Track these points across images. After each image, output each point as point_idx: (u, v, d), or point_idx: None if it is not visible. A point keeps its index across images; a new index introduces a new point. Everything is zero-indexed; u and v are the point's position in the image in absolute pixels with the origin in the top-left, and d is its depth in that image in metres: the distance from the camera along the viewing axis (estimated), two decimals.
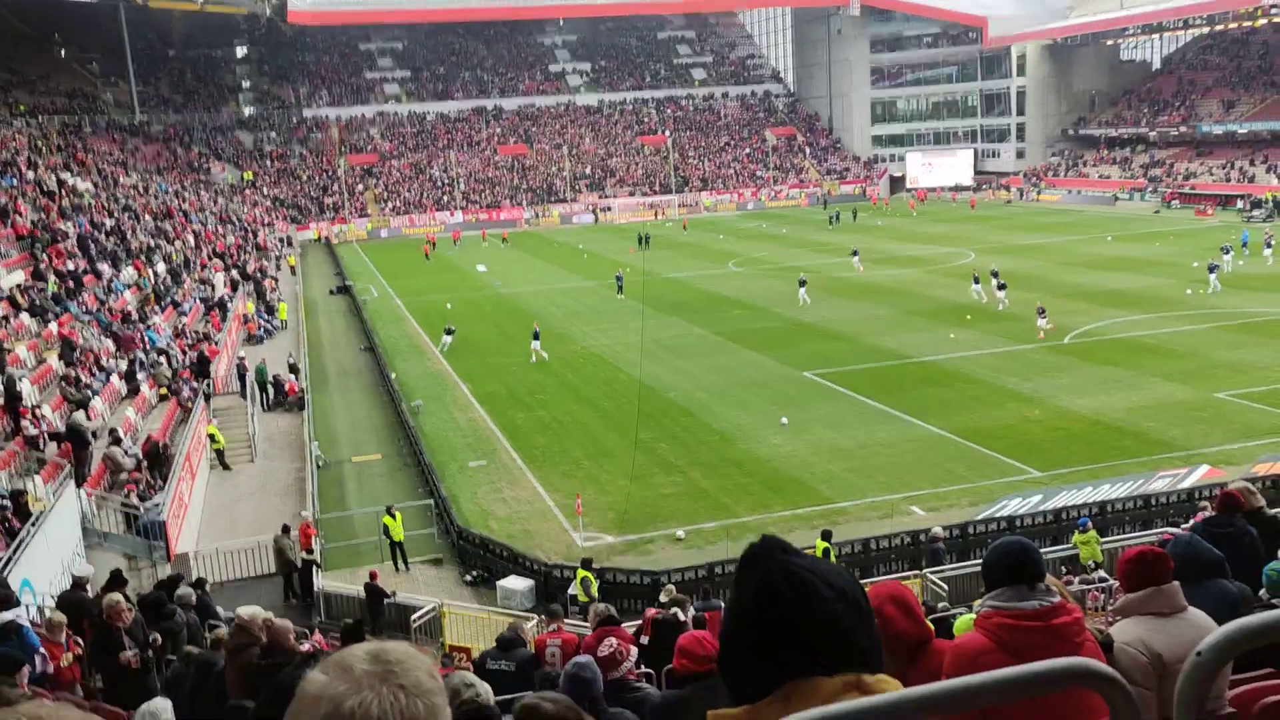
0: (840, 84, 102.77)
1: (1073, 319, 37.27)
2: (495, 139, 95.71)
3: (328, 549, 21.19)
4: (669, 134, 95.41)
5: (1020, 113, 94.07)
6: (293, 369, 32.87)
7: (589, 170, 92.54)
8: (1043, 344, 34.04)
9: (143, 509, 19.74)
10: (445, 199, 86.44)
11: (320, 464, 26.21)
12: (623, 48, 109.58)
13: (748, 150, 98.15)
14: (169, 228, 48.61)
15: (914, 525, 20.30)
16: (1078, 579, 14.00)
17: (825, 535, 18.71)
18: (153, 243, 43.24)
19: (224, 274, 45.24)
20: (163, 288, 37.65)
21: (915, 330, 37.00)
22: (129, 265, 37.68)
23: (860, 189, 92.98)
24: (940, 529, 19.12)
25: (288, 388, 31.39)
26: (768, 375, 32.49)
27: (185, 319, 35.41)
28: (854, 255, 51.25)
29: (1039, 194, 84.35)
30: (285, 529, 19.77)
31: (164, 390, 27.28)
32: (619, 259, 57.38)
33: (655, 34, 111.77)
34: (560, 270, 57.99)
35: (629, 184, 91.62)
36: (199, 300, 38.78)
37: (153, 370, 28.08)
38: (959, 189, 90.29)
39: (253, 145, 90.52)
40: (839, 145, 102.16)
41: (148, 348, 29.69)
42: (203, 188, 73.51)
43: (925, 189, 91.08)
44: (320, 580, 19.39)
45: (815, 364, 33.15)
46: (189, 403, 26.45)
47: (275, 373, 32.06)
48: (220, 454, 25.98)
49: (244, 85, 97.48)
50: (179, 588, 12.44)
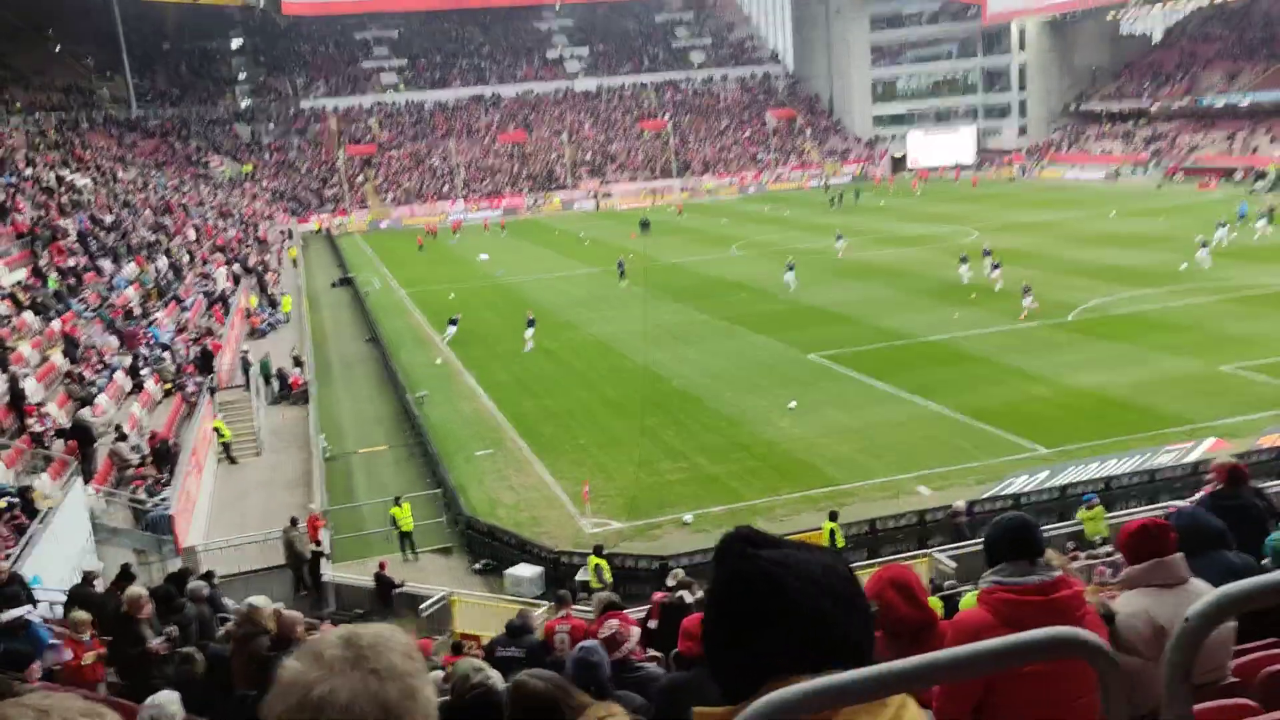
0: (840, 63, 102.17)
1: (1077, 295, 37.14)
2: (494, 127, 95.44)
3: (336, 540, 21.27)
4: (669, 118, 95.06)
5: (1022, 89, 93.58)
6: (297, 362, 32.89)
7: (589, 156, 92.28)
8: (1047, 321, 33.92)
9: (150, 504, 19.83)
10: (445, 188, 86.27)
11: (327, 456, 26.27)
12: (620, 31, 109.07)
13: (748, 133, 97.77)
14: (169, 223, 48.59)
15: (921, 505, 20.31)
16: (1084, 554, 14.00)
17: (832, 516, 18.73)
18: (153, 238, 43.23)
19: (225, 268, 45.22)
20: (164, 283, 37.65)
21: (920, 310, 36.91)
22: (130, 261, 37.68)
23: (861, 169, 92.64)
24: (962, 504, 19.09)
25: (292, 381, 31.43)
26: (773, 358, 32.45)
27: (188, 314, 35.42)
28: (838, 239, 50.92)
29: (1041, 170, 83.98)
30: (294, 521, 19.84)
31: (168, 386, 27.33)
32: (621, 245, 57.26)
33: (653, 17, 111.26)
34: (562, 257, 57.89)
35: (630, 169, 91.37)
36: (201, 295, 38.78)
37: (156, 366, 28.12)
38: (961, 167, 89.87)
39: (250, 138, 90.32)
40: (840, 126, 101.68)
41: (151, 343, 29.73)
42: (202, 182, 73.45)
43: (927, 168, 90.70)
44: (330, 571, 19.47)
45: (820, 346, 33.10)
46: (194, 398, 26.50)
47: (279, 366, 32.10)
48: (227, 448, 26.05)
49: (240, 77, 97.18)
50: (189, 581, 12.47)
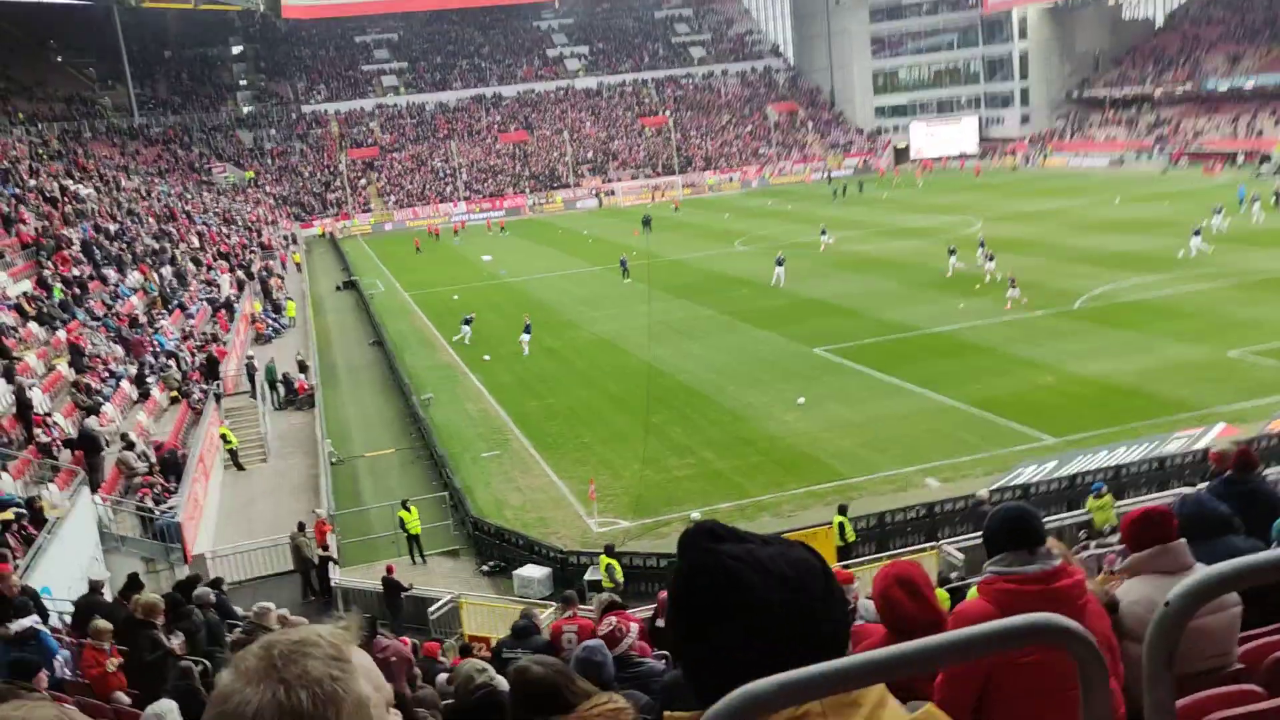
0: (840, 55, 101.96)
1: (1082, 283, 37.01)
2: (495, 127, 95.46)
3: (344, 544, 21.27)
4: (670, 114, 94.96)
5: (1023, 77, 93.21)
6: (302, 367, 32.92)
7: (591, 154, 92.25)
8: (1052, 310, 33.82)
9: (158, 512, 19.85)
10: (448, 190, 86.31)
11: (334, 460, 26.28)
12: (620, 29, 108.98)
13: (749, 127, 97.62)
14: (173, 230, 48.67)
15: (929, 497, 20.24)
16: (1094, 543, 13.92)
17: (842, 509, 18.68)
18: (157, 246, 43.31)
19: (230, 274, 45.29)
20: (169, 290, 37.72)
21: (924, 302, 36.81)
22: (134, 269, 37.75)
23: (864, 161, 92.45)
24: (986, 492, 19.01)
25: (297, 386, 31.46)
26: (777, 353, 32.39)
27: (193, 321, 35.47)
28: (823, 233, 50.66)
29: (1045, 158, 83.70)
30: (301, 526, 19.84)
31: (174, 393, 27.35)
32: (624, 243, 57.24)
33: (652, 13, 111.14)
34: (566, 256, 57.88)
35: (631, 166, 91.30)
36: (206, 302, 38.83)
37: (162, 374, 28.16)
38: (965, 157, 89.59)
39: (253, 143, 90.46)
40: (841, 118, 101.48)
41: (156, 351, 29.78)
42: (205, 188, 73.59)
43: (930, 158, 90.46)
44: (338, 576, 19.47)
45: (824, 340, 33.02)
46: (200, 405, 26.53)
47: (285, 371, 32.12)
48: (234, 454, 26.07)
49: (241, 83, 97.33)
50: (196, 588, 12.49)
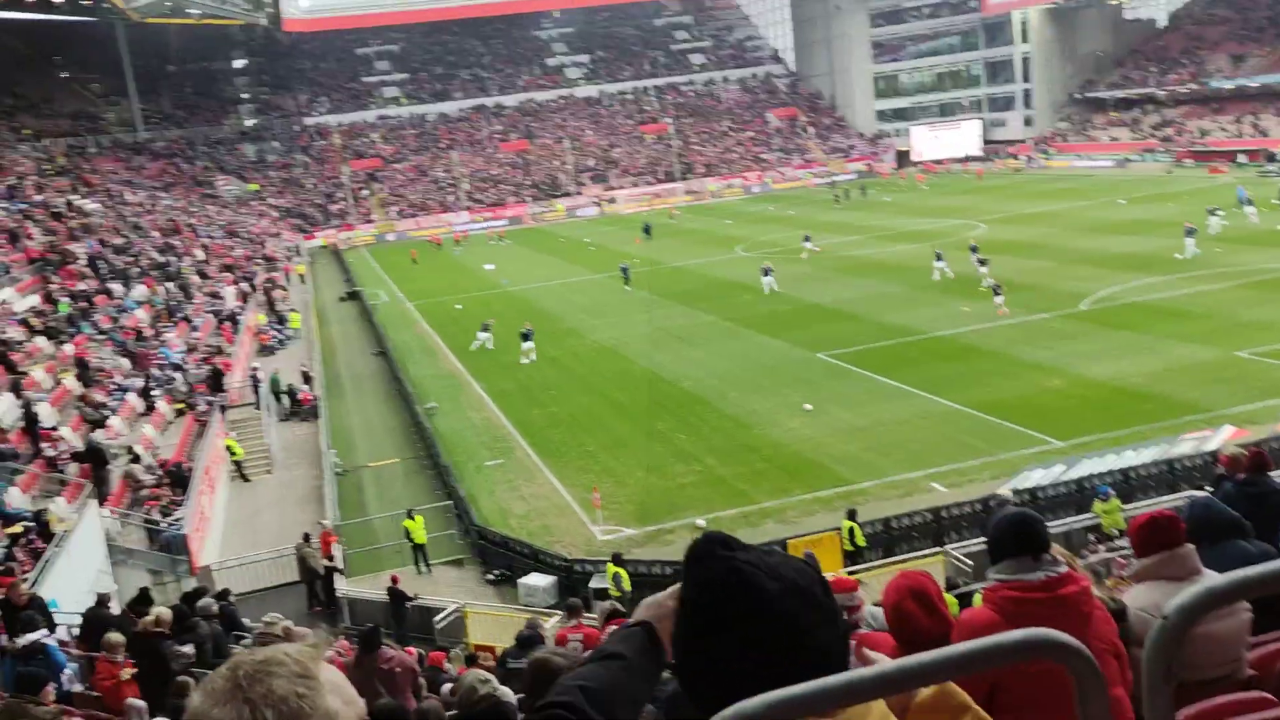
0: (841, 60, 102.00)
1: (1088, 284, 36.91)
2: (497, 136, 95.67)
3: (350, 555, 21.25)
4: (670, 122, 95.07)
5: (1026, 79, 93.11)
6: (306, 378, 32.96)
7: (592, 163, 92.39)
8: (1059, 312, 33.74)
9: (165, 524, 19.87)
10: (450, 199, 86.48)
11: (338, 471, 26.28)
12: (620, 37, 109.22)
13: (750, 133, 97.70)
14: (177, 243, 48.82)
15: (935, 502, 20.16)
16: (1103, 547, 13.85)
17: (850, 514, 18.63)
18: (162, 259, 43.44)
19: (234, 286, 45.40)
20: (174, 304, 37.82)
21: (928, 305, 36.74)
22: (139, 283, 37.86)
23: (869, 165, 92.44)
24: (1010, 492, 18.91)
25: (301, 397, 31.49)
26: (780, 359, 32.35)
27: (198, 333, 35.57)
28: (805, 240, 50.38)
29: (1048, 160, 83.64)
30: (306, 537, 19.85)
31: (180, 405, 27.42)
32: (625, 250, 57.26)
33: (652, 21, 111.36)
34: (568, 264, 57.92)
35: (633, 174, 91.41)
36: (210, 314, 38.94)
37: (168, 386, 28.23)
38: (968, 159, 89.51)
39: (256, 156, 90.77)
40: (842, 123, 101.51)
41: (162, 364, 29.85)
42: (209, 201, 73.83)
43: (932, 161, 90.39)
44: (343, 586, 19.46)
45: (828, 345, 32.97)
46: (205, 417, 26.58)
47: (289, 382, 32.16)
48: (239, 466, 26.11)
49: (244, 97, 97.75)
50: (199, 600, 12.48)
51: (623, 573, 17.40)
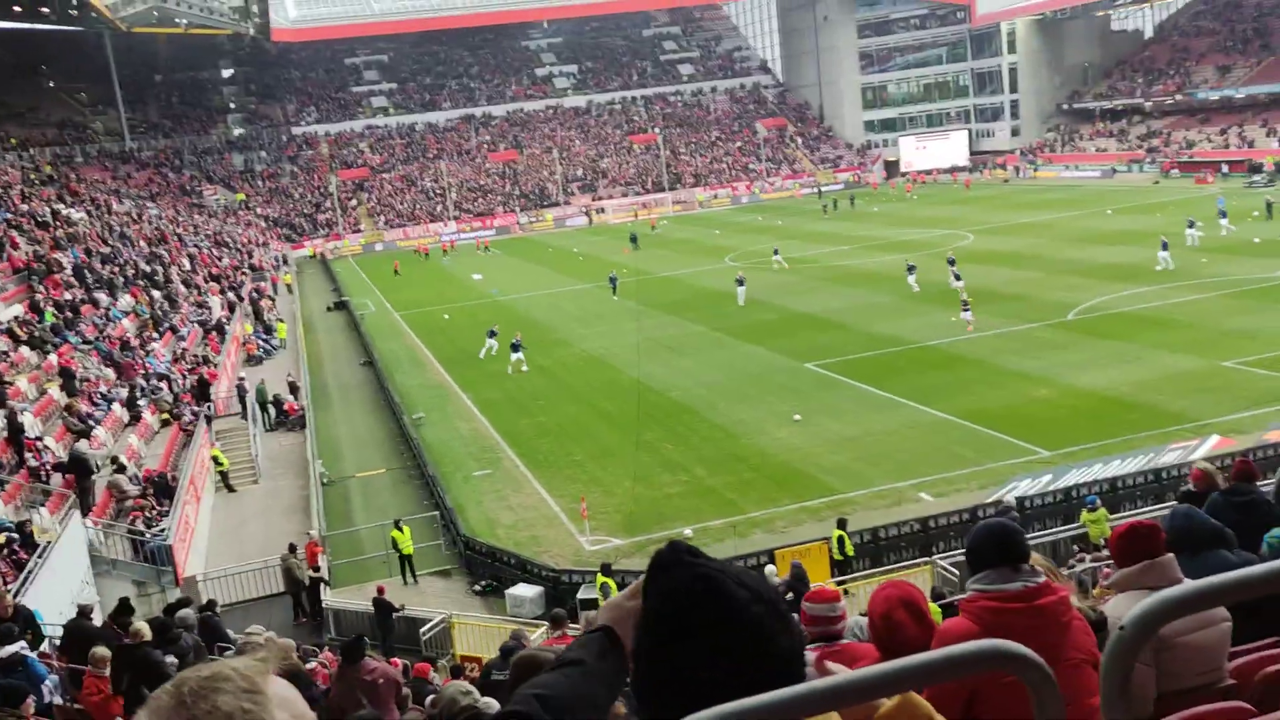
0: (829, 71, 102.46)
1: (1076, 294, 37.09)
2: (485, 146, 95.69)
3: (336, 565, 21.15)
4: (659, 132, 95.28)
5: (1013, 90, 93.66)
6: (293, 388, 32.82)
7: (580, 172, 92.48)
8: (1046, 322, 33.88)
9: (149, 535, 19.72)
10: (438, 209, 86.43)
11: (325, 481, 26.16)
12: (608, 47, 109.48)
13: (739, 143, 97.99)
14: (164, 253, 48.61)
15: (922, 512, 20.18)
16: (1089, 557, 13.87)
17: (840, 523, 18.64)
18: (148, 269, 43.24)
19: (220, 296, 45.22)
20: (160, 313, 37.63)
21: (915, 315, 36.83)
22: (125, 293, 37.66)
23: (857, 176, 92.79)
24: (1012, 499, 18.94)
25: (288, 407, 31.36)
26: (768, 368, 32.37)
27: (184, 343, 35.40)
28: (775, 254, 50.34)
29: (1036, 171, 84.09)
30: (292, 548, 19.74)
31: (166, 415, 27.26)
32: (614, 260, 57.28)
33: (640, 31, 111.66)
34: (556, 274, 57.91)
35: (621, 184, 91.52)
36: (197, 324, 38.76)
37: (154, 396, 28.07)
38: (956, 170, 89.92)
39: (243, 166, 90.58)
40: (831, 133, 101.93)
41: (148, 374, 29.68)
42: (196, 211, 73.60)
43: (919, 172, 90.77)
44: (329, 597, 19.34)
45: (816, 355, 33.02)
46: (191, 427, 26.43)
47: (275, 392, 32.03)
48: (224, 476, 25.96)
49: (232, 106, 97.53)
50: (179, 611, 12.38)
51: (611, 583, 17.34)
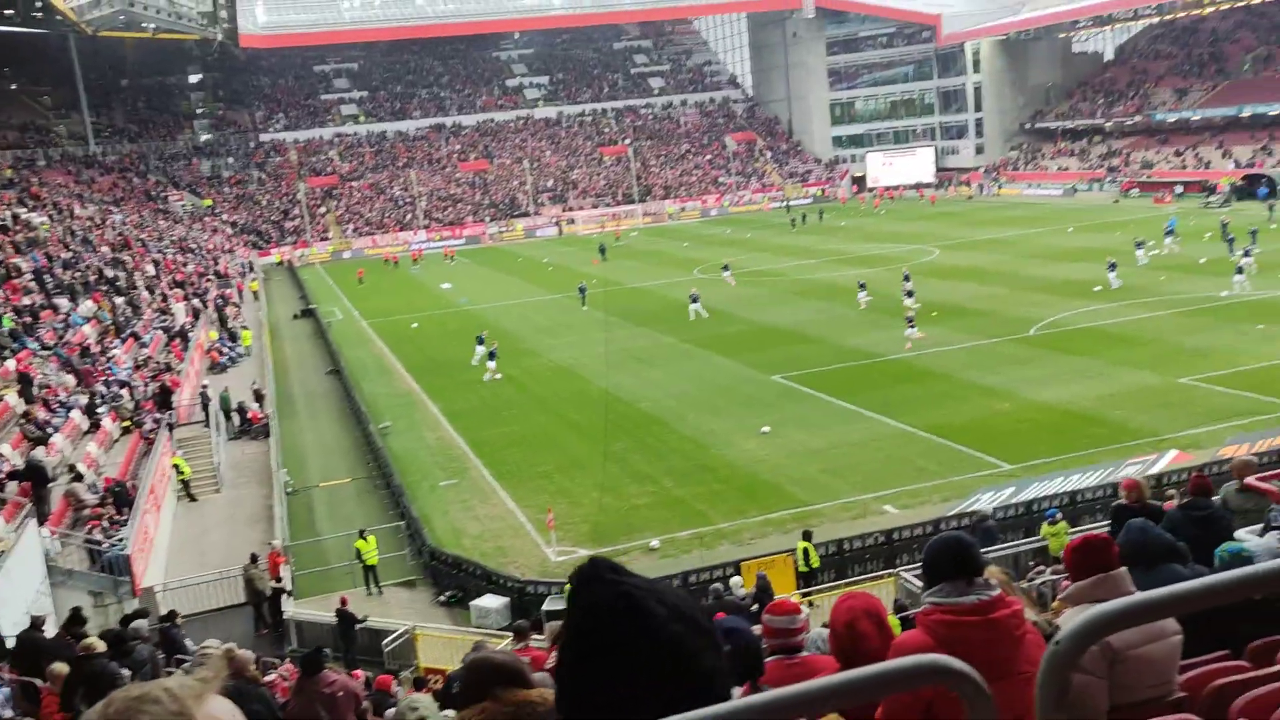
0: (798, 87, 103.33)
1: (1038, 310, 37.60)
2: (455, 156, 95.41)
3: (299, 576, 20.92)
4: (630, 144, 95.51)
5: (978, 109, 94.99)
6: (257, 395, 32.46)
7: (551, 183, 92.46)
8: (1009, 337, 34.29)
9: (106, 544, 19.40)
10: (408, 218, 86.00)
11: (289, 490, 25.89)
12: (579, 59, 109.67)
13: (709, 157, 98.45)
14: (127, 259, 47.97)
15: (887, 524, 20.32)
16: (1049, 569, 14.01)
17: (806, 535, 18.71)
18: (111, 274, 42.64)
19: (185, 303, 44.68)
20: (123, 319, 37.11)
21: (882, 329, 37.12)
22: (87, 298, 37.11)
23: (824, 190, 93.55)
24: (989, 507, 19.07)
25: (252, 415, 31.01)
26: (737, 380, 32.49)
27: (146, 350, 34.92)
28: (725, 270, 50.32)
29: (999, 188, 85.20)
30: (254, 558, 19.51)
31: (126, 423, 26.87)
32: (583, 270, 57.28)
33: (611, 44, 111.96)
34: (526, 284, 57.78)
35: (592, 195, 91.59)
36: (160, 330, 38.26)
37: (114, 403, 27.65)
38: (922, 186, 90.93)
39: (210, 172, 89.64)
40: (799, 148, 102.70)
41: (109, 380, 29.24)
42: (161, 217, 72.71)
43: (886, 187, 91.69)
44: (290, 608, 19.12)
45: (784, 367, 33.19)
46: (152, 435, 26.05)
47: (239, 400, 31.66)
48: (186, 485, 25.62)
49: (199, 111, 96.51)
50: (133, 622, 12.19)
51: None
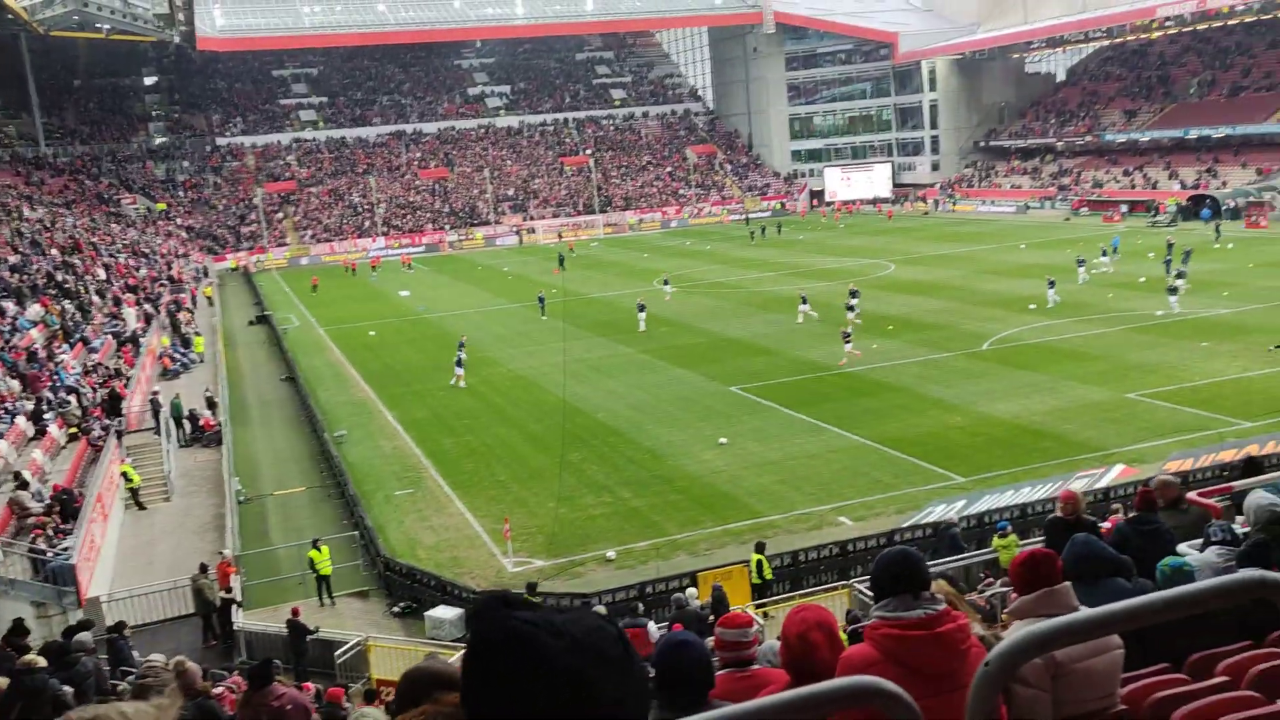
0: (758, 101, 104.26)
1: (990, 325, 38.20)
2: (415, 163, 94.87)
3: (250, 586, 20.61)
4: (591, 154, 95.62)
5: (934, 126, 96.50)
6: (210, 403, 31.98)
7: (512, 192, 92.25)
8: (963, 351, 34.78)
9: (50, 554, 18.97)
10: (366, 225, 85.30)
11: (241, 499, 25.52)
12: (541, 69, 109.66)
13: (669, 169, 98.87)
14: (78, 262, 47.06)
15: (842, 536, 20.49)
16: (999, 582, 14.23)
17: (759, 547, 18.78)
18: (60, 278, 41.80)
19: (136, 308, 43.90)
20: (71, 324, 36.38)
21: (839, 342, 37.40)
22: (35, 302, 36.35)
23: (782, 204, 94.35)
24: (954, 515, 19.24)
25: (203, 422, 30.53)
26: (695, 391, 32.61)
27: (96, 355, 34.24)
28: (664, 284, 50.60)
29: (954, 204, 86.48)
30: (203, 568, 19.18)
31: (74, 430, 26.32)
32: (543, 280, 57.21)
33: (573, 55, 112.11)
34: (485, 293, 57.58)
35: (552, 205, 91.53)
36: (110, 335, 37.54)
37: (61, 410, 27.08)
38: (879, 201, 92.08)
39: (165, 175, 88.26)
40: (759, 162, 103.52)
41: (56, 386, 28.64)
42: (114, 220, 71.42)
43: (844, 201, 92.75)
44: (240, 619, 18.83)
45: (742, 379, 33.38)
46: (100, 442, 25.55)
47: (191, 407, 31.15)
48: (135, 493, 25.13)
49: (154, 114, 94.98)
50: (76, 634, 11.95)
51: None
